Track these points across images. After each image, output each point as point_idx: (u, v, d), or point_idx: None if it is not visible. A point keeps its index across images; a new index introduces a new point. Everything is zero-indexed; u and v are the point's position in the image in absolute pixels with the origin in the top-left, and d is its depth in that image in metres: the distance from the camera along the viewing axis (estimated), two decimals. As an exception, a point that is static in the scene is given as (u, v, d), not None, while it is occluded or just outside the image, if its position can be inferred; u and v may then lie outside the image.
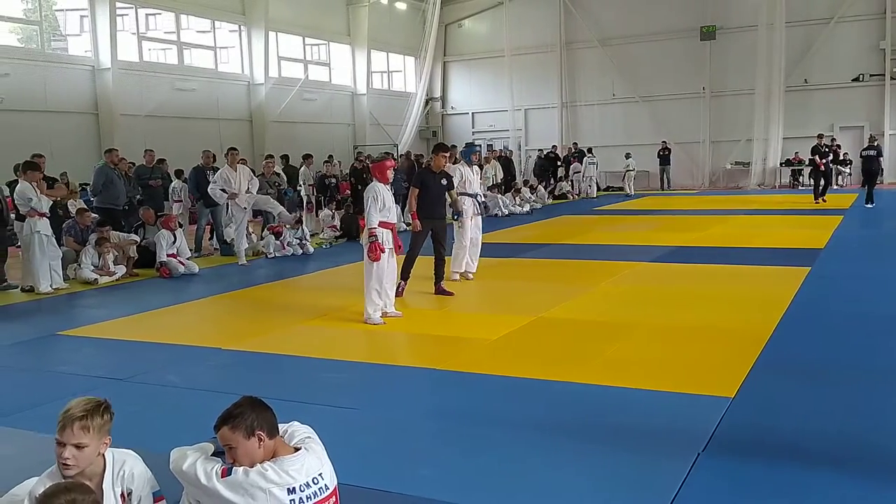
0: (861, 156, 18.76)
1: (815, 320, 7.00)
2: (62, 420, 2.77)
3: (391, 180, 7.79)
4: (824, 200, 18.75)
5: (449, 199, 9.15)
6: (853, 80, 25.01)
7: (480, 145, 25.29)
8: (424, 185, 8.80)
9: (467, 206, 9.72)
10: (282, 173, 15.72)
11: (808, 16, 25.00)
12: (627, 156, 25.00)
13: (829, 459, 3.89)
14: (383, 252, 7.38)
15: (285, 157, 18.58)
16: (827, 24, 24.95)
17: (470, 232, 9.71)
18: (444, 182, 9.00)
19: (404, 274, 8.78)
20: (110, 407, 2.90)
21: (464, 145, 17.52)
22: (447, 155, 9.15)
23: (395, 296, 8.04)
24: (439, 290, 8.85)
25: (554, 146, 26.91)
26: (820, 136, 19.74)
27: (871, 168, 18.16)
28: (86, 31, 19.39)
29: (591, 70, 28.50)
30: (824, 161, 19.12)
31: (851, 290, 8.34)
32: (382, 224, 7.41)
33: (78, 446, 2.76)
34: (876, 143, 19.10)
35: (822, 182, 19.24)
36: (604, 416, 4.65)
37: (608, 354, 6.12)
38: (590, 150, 25.23)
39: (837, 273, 9.35)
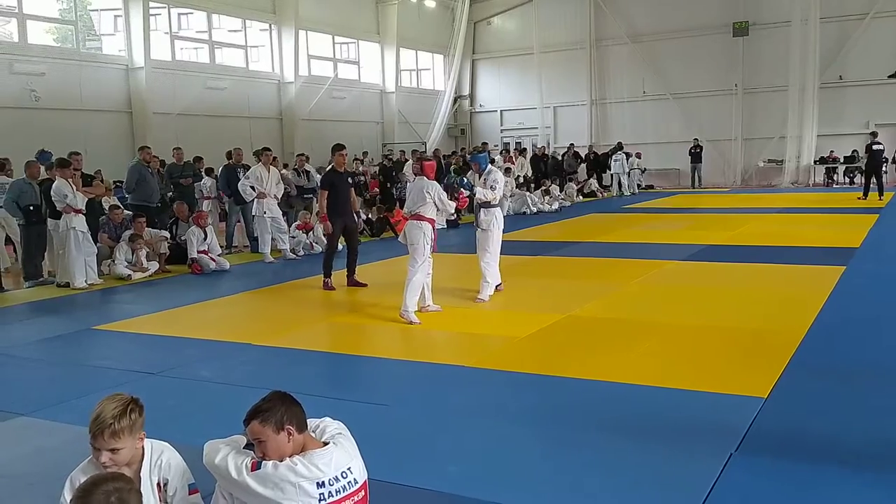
0: (871, 149, 18.78)
1: (851, 321, 6.87)
2: (93, 429, 2.80)
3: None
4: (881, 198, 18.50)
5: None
6: (889, 76, 24.48)
7: (490, 149, 23.36)
8: (333, 186, 9.27)
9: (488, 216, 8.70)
10: (312, 170, 15.80)
11: (843, 11, 24.52)
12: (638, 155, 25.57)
13: (866, 462, 3.82)
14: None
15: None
16: (862, 19, 24.46)
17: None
18: (350, 181, 9.63)
19: (326, 272, 9.40)
20: (139, 403, 2.91)
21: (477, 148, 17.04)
22: (345, 154, 9.56)
23: (325, 288, 9.21)
24: (352, 283, 9.43)
25: (571, 144, 26.53)
26: (873, 134, 19.42)
27: (879, 161, 18.62)
28: (119, 30, 19.64)
29: (622, 67, 28.24)
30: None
31: (888, 290, 8.16)
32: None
33: (113, 450, 2.81)
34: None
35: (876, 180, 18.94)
36: (635, 415, 4.62)
37: (639, 353, 6.08)
38: (614, 150, 25.11)
39: (873, 273, 9.17)
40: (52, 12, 18.25)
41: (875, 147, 18.76)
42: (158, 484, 2.97)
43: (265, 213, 12.13)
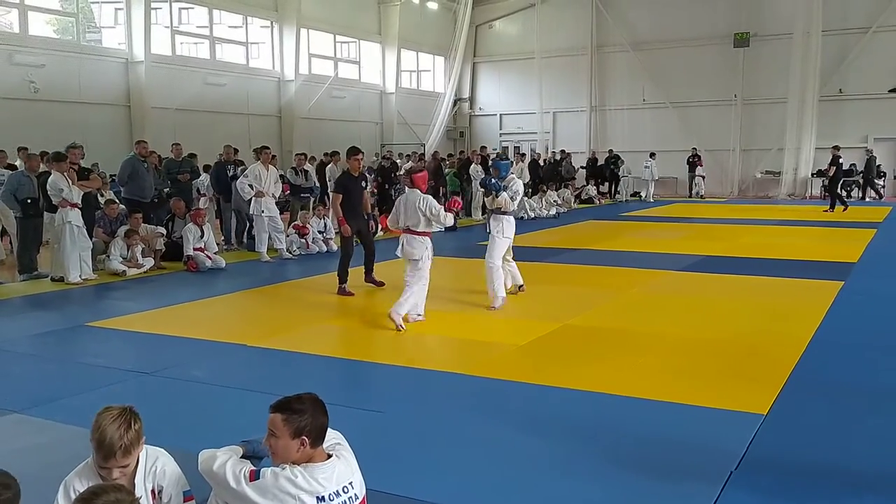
0: (839, 163, 19.72)
1: (850, 338, 6.83)
2: (104, 452, 2.73)
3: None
4: (832, 210, 19.57)
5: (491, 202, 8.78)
6: (890, 90, 24.52)
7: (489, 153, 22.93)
8: (347, 190, 9.26)
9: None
10: (310, 169, 15.73)
11: (845, 25, 24.58)
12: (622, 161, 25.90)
13: (867, 484, 3.79)
14: None
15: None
16: (864, 33, 24.52)
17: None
18: (363, 184, 9.60)
19: (342, 277, 9.24)
20: (135, 411, 2.85)
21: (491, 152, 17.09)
22: (360, 158, 9.61)
23: (341, 294, 9.10)
24: (369, 280, 9.52)
25: (563, 150, 26.38)
26: (835, 148, 20.08)
27: (841, 175, 19.95)
28: (120, 23, 19.55)
29: (622, 74, 28.26)
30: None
31: (886, 308, 8.12)
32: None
33: (125, 466, 2.78)
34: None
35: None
36: (632, 429, 4.58)
37: (636, 365, 6.04)
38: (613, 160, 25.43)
39: (872, 289, 9.13)
40: (53, 4, 18.18)
41: (840, 161, 19.74)
42: (153, 491, 2.93)
43: (263, 211, 12.05)
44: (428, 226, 7.44)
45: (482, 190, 9.23)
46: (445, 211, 7.48)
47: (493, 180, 8.52)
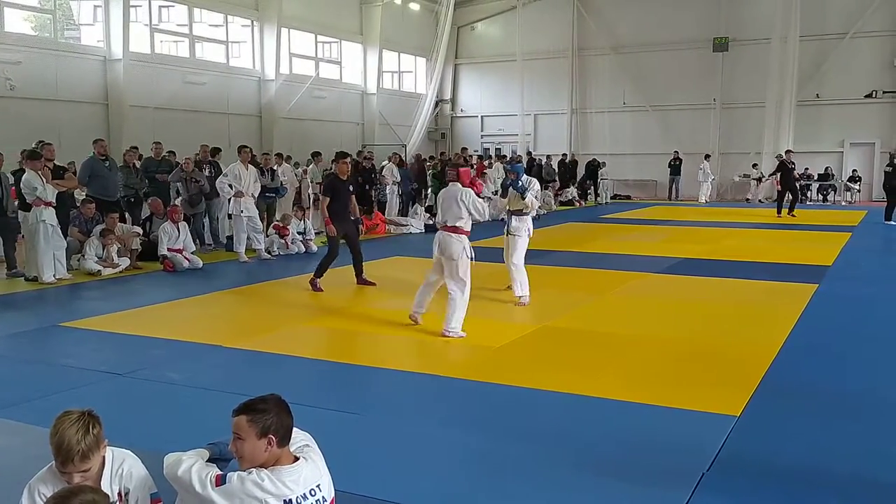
0: (787, 167, 20.11)
1: (824, 341, 6.90)
2: (61, 457, 2.70)
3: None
4: (794, 215, 19.76)
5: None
6: (866, 96, 24.86)
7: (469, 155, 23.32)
8: (335, 193, 9.40)
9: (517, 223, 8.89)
10: (276, 169, 15.52)
11: (822, 30, 24.86)
12: (603, 164, 25.94)
13: (840, 487, 3.82)
14: None
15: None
16: (841, 39, 24.82)
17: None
18: (350, 188, 9.75)
19: (318, 272, 9.43)
20: (94, 415, 2.81)
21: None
22: (348, 162, 9.80)
23: (313, 288, 9.26)
24: (361, 281, 9.66)
25: (530, 152, 26.39)
26: (788, 153, 20.65)
27: (794, 178, 20.48)
28: (99, 21, 19.35)
29: (603, 77, 28.40)
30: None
31: (860, 310, 8.23)
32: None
33: (85, 471, 2.74)
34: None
35: (790, 196, 20.51)
36: (606, 431, 4.59)
37: (612, 366, 6.07)
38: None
39: (845, 292, 9.22)
40: (31, 0, 17.95)
41: (790, 165, 20.14)
42: (119, 493, 2.89)
43: (242, 211, 11.98)
44: (468, 222, 7.17)
45: (499, 192, 9.36)
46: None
47: (518, 183, 8.65)
